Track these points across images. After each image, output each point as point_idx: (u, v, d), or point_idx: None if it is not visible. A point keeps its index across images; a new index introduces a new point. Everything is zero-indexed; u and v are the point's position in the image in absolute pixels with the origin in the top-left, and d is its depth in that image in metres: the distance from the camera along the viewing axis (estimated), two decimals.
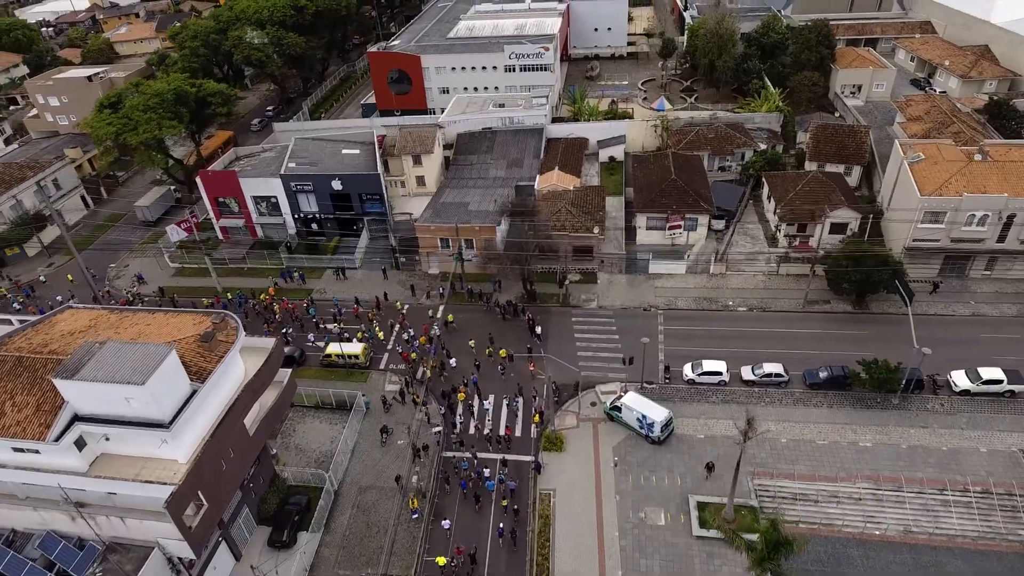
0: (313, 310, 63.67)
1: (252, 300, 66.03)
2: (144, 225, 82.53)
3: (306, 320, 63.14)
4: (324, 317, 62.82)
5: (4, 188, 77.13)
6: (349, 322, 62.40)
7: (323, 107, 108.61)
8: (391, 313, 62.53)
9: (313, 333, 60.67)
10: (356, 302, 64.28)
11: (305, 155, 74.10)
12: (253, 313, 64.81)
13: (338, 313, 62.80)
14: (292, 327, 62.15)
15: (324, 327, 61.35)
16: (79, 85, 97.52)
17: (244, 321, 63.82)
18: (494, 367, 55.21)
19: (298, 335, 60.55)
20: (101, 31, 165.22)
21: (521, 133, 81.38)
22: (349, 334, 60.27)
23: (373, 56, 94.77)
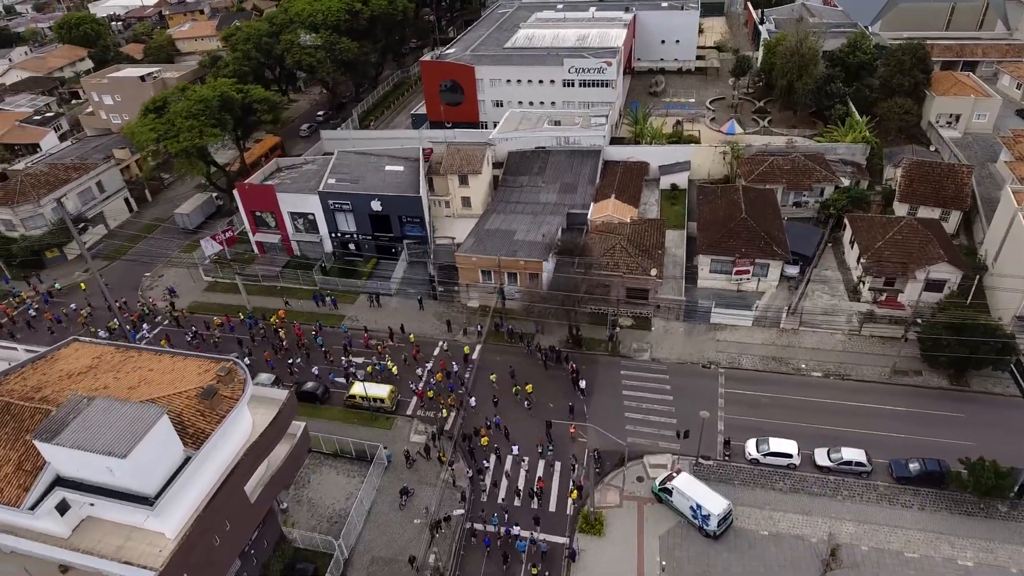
0: (321, 339, 59.88)
1: (261, 322, 62.89)
2: (184, 232, 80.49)
3: (313, 349, 59.47)
4: (334, 346, 59.08)
5: (48, 190, 76.02)
6: (359, 353, 58.54)
7: (373, 114, 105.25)
8: (408, 347, 58.33)
9: (319, 367, 56.81)
10: (365, 331, 60.45)
11: (346, 170, 70.29)
12: (260, 337, 61.53)
13: (348, 345, 58.96)
14: (299, 355, 58.55)
15: (347, 361, 57.46)
16: (132, 85, 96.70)
17: (251, 345, 61.65)
18: (518, 405, 50.60)
19: (320, 367, 56.75)
20: (167, 27, 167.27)
21: (576, 154, 75.66)
22: (356, 367, 56.53)
23: (425, 65, 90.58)
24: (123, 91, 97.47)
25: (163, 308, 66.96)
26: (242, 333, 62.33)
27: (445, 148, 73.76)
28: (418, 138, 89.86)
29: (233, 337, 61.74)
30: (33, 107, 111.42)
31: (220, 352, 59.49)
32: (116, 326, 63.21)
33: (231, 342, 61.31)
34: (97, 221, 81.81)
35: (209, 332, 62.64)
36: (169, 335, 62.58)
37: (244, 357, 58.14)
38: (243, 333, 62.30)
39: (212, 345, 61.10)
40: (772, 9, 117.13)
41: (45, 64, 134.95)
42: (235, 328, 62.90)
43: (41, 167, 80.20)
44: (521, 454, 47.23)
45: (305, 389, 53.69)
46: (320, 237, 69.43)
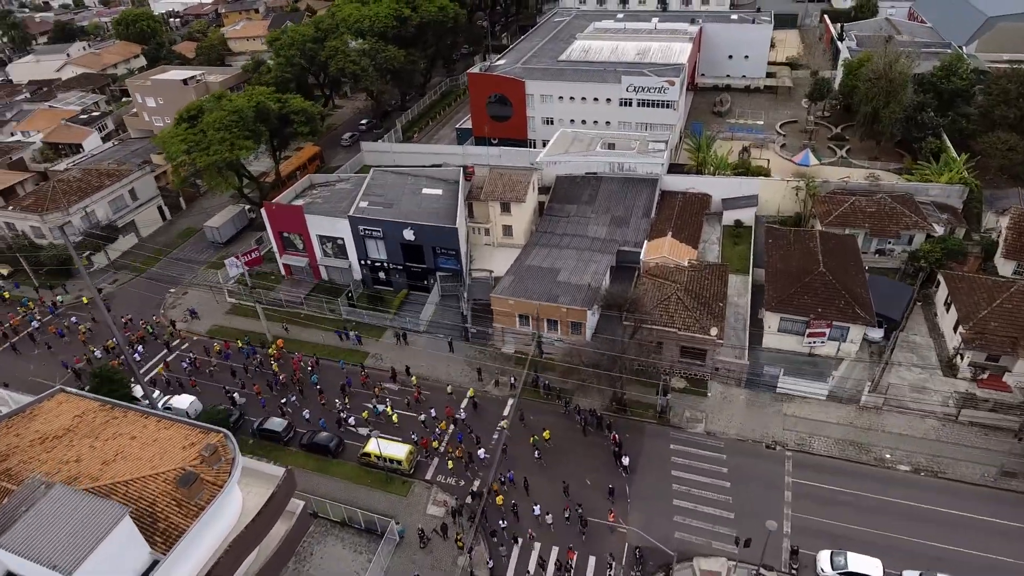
0: (316, 376, 55.41)
1: (259, 351, 59.14)
2: (213, 246, 77.22)
3: (307, 386, 55.12)
4: (331, 383, 54.79)
5: (79, 197, 73.72)
6: (357, 394, 54.06)
7: (418, 125, 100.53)
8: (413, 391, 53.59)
9: (310, 410, 52.77)
10: (362, 368, 55.99)
11: (381, 192, 65.41)
12: (256, 367, 57.74)
13: (347, 385, 54.41)
14: (294, 393, 54.48)
15: (341, 404, 53.12)
16: (175, 88, 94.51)
17: (244, 377, 56.54)
18: (534, 460, 46.06)
19: (313, 410, 52.80)
20: (222, 25, 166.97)
21: (631, 183, 68.97)
22: (352, 414, 52.17)
23: (473, 78, 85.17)
24: (166, 94, 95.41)
25: (165, 329, 63.82)
26: (238, 362, 58.76)
27: (488, 171, 68.06)
28: (461, 154, 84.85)
29: (229, 366, 58.21)
30: (81, 105, 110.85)
31: (215, 382, 56.87)
32: (114, 345, 60.36)
33: (226, 371, 57.77)
34: (128, 230, 79.36)
35: (207, 359, 59.54)
36: (168, 363, 59.47)
37: (234, 392, 54.82)
38: (240, 362, 58.72)
39: (207, 374, 57.77)
40: (853, 24, 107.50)
41: (100, 60, 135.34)
42: (231, 356, 59.25)
43: (75, 173, 78.16)
44: (543, 512, 42.28)
45: (318, 441, 48.92)
46: (349, 263, 64.79)
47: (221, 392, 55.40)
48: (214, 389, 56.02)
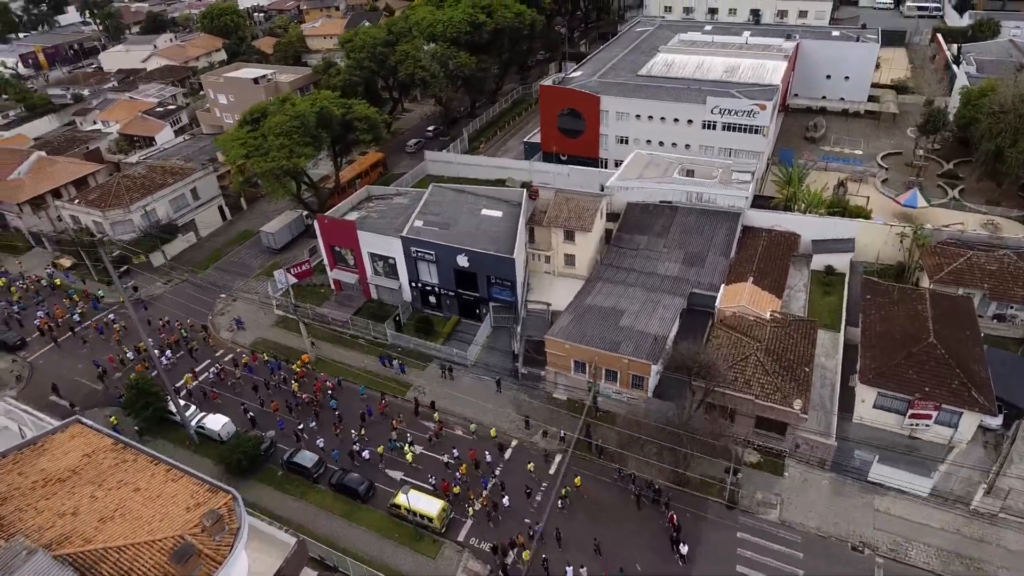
0: (335, 402, 52.74)
1: (283, 367, 57.13)
2: (268, 251, 75.55)
3: (325, 410, 52.63)
4: (350, 409, 52.12)
5: (141, 195, 73.40)
6: (376, 423, 51.14)
7: (486, 134, 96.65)
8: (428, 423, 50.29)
9: (324, 438, 50.23)
10: (382, 397, 52.89)
11: (438, 210, 61.63)
12: (279, 384, 55.71)
13: (367, 413, 51.39)
14: (312, 419, 51.97)
15: (357, 436, 50.10)
16: (245, 86, 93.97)
17: (266, 394, 53.98)
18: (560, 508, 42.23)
19: (327, 439, 50.18)
20: (303, 21, 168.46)
21: (709, 216, 62.67)
22: (367, 447, 48.92)
23: (545, 91, 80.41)
24: (237, 91, 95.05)
25: (197, 334, 62.98)
26: (262, 375, 57.19)
27: (553, 195, 63.20)
28: (527, 170, 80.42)
29: (252, 380, 56.56)
30: (159, 97, 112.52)
31: (236, 395, 55.21)
32: (145, 348, 59.27)
33: (249, 385, 56.05)
34: (188, 229, 78.78)
35: (232, 369, 58.20)
36: (195, 372, 58.31)
37: (251, 411, 53.13)
38: (263, 375, 57.10)
39: (230, 386, 56.35)
40: (972, 45, 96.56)
41: (183, 53, 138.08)
42: (254, 370, 57.46)
43: (141, 169, 78.07)
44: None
45: (347, 483, 45.43)
46: (400, 284, 61.33)
47: (239, 407, 54.03)
48: (234, 403, 54.48)
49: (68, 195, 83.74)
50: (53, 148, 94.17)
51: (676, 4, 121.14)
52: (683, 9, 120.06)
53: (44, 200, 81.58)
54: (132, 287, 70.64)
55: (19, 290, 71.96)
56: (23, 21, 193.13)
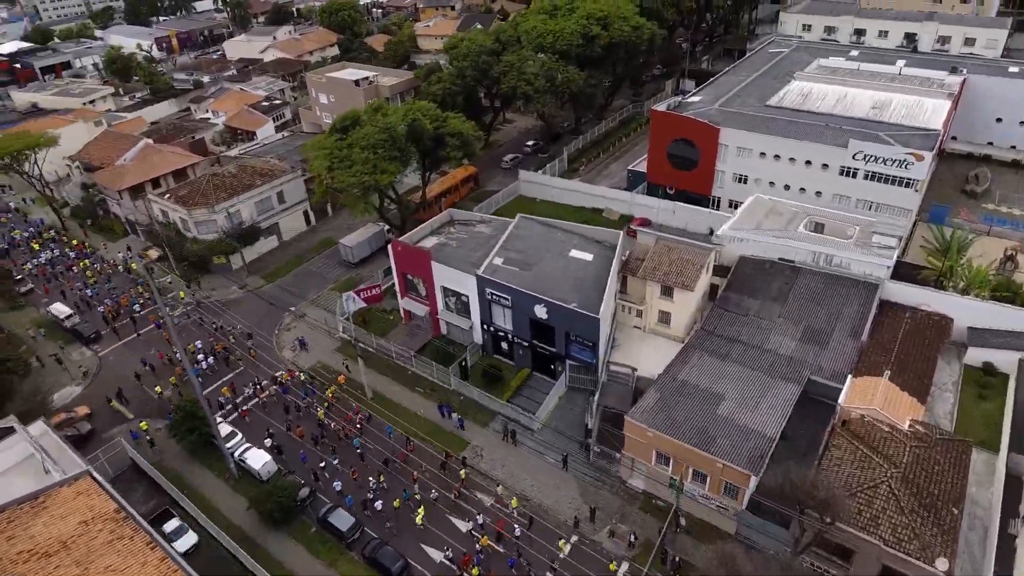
0: (358, 440, 48.78)
1: (318, 392, 54.17)
2: (346, 265, 72.30)
3: (348, 448, 48.76)
4: (376, 448, 48.25)
5: (227, 195, 72.01)
6: (397, 472, 46.93)
7: (588, 155, 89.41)
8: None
9: (340, 481, 46.34)
10: (407, 443, 48.69)
11: (521, 247, 55.44)
12: (306, 410, 53.27)
13: (391, 458, 47.54)
14: (336, 455, 48.74)
15: (375, 483, 46.07)
16: (346, 87, 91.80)
17: (295, 416, 50.91)
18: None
19: (344, 481, 45.97)
20: (418, 19, 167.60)
21: (839, 283, 52.76)
22: (382, 498, 44.73)
23: (657, 116, 72.17)
24: (337, 92, 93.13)
25: (245, 345, 61.27)
26: (292, 396, 54.71)
27: (653, 243, 55.36)
28: (628, 202, 72.82)
29: (284, 400, 54.31)
30: (268, 91, 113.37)
31: (265, 414, 53.65)
32: (195, 348, 59.84)
33: (278, 407, 53.87)
34: (271, 232, 77.02)
35: (269, 386, 55.82)
36: (234, 385, 56.66)
37: (270, 439, 50.48)
38: (297, 397, 54.56)
39: (260, 405, 54.25)
40: None
41: (298, 46, 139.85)
42: (288, 390, 54.75)
43: (231, 168, 76.89)
44: None
45: (381, 559, 40.23)
46: (471, 325, 55.70)
47: (266, 428, 51.80)
48: (263, 423, 52.38)
49: (166, 185, 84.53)
50: (161, 136, 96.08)
51: (816, 23, 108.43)
52: (824, 29, 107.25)
53: (143, 189, 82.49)
54: (196, 289, 69.64)
55: (95, 273, 74.00)
56: (164, 5, 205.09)
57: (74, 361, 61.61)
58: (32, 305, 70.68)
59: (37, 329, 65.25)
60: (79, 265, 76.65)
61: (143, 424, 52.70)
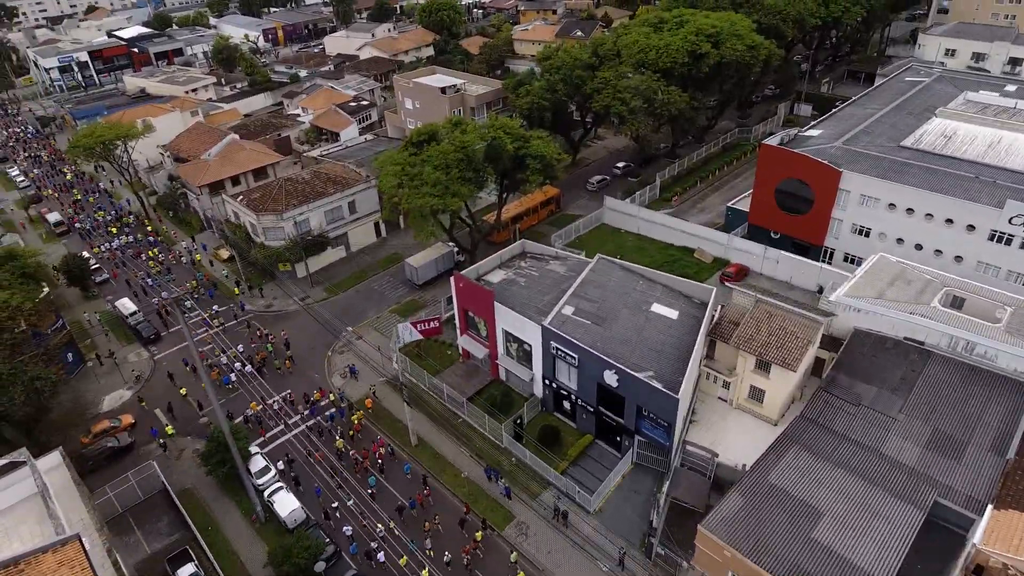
0: (374, 478, 46.24)
1: (344, 416, 52.09)
2: (409, 286, 68.30)
3: (364, 483, 45.59)
4: (388, 495, 44.19)
5: (298, 202, 69.52)
6: (413, 521, 42.65)
7: (683, 183, 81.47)
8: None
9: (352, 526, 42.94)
10: (424, 483, 44.91)
11: (597, 296, 49.05)
12: (329, 432, 50.97)
13: (407, 507, 43.42)
14: (351, 495, 45.72)
15: (383, 531, 42.42)
16: (431, 94, 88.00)
17: (317, 442, 47.05)
18: None
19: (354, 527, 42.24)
20: (518, 22, 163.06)
21: (981, 378, 43.18)
22: (386, 550, 40.72)
23: (767, 151, 63.50)
24: (423, 98, 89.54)
25: (282, 356, 59.06)
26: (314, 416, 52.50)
27: (752, 305, 47.56)
28: (724, 245, 64.82)
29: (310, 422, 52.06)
30: (357, 91, 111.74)
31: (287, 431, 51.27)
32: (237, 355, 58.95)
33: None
34: (339, 242, 74.17)
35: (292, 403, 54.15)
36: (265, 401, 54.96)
37: (288, 463, 48.41)
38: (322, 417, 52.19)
39: (285, 423, 52.34)
40: None
41: (393, 45, 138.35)
42: (316, 412, 52.65)
43: (305, 175, 74.48)
44: None
45: None
46: (532, 376, 49.89)
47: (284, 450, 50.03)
48: (281, 444, 50.48)
49: (246, 184, 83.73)
50: (248, 131, 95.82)
51: (962, 48, 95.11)
52: (972, 55, 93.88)
53: (223, 186, 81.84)
54: (257, 296, 67.50)
55: (158, 264, 75.30)
56: None
57: (130, 363, 60.66)
58: (104, 297, 71.00)
59: (101, 324, 65.18)
60: (148, 253, 77.59)
61: (169, 428, 52.06)
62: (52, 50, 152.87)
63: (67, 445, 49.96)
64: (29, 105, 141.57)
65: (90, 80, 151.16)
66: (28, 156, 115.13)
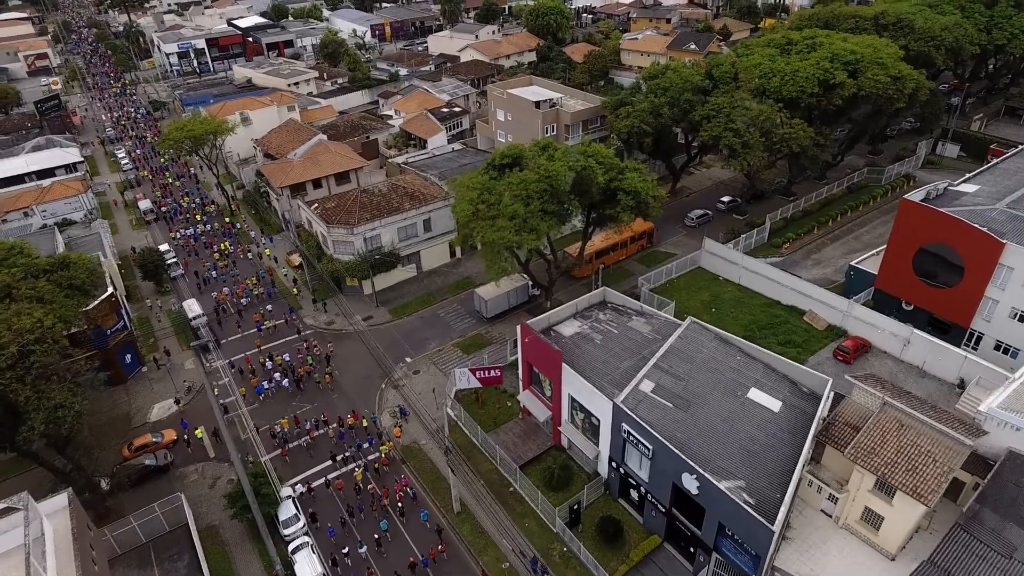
0: (386, 523, 42.67)
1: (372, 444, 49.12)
2: (475, 315, 63.13)
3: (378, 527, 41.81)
4: (400, 546, 40.31)
5: (371, 216, 65.79)
6: None
7: (798, 227, 71.58)
8: None
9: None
10: (438, 533, 41.36)
11: (683, 369, 41.65)
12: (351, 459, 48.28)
13: (419, 565, 39.04)
14: (362, 545, 41.40)
15: None
16: (524, 108, 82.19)
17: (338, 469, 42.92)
18: None
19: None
20: (627, 30, 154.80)
21: None
22: None
23: (908, 208, 53.06)
24: (516, 111, 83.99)
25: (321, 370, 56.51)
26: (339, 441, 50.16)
27: (879, 408, 38.65)
28: (842, 311, 55.35)
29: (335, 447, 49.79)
30: (452, 96, 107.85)
31: (311, 457, 48.96)
32: (282, 362, 58.22)
33: (324, 452, 49.00)
34: (411, 260, 70.03)
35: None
36: (298, 417, 52.30)
37: (303, 486, 46.02)
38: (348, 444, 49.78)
39: (305, 448, 49.51)
40: None
41: (495, 49, 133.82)
42: (345, 436, 50.13)
43: (382, 187, 70.66)
44: None
45: None
46: (597, 454, 43.17)
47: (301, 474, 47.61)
48: (300, 467, 47.97)
49: (327, 187, 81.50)
50: (338, 131, 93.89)
51: None
52: None
53: (304, 188, 79.85)
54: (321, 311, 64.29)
55: (223, 256, 75.76)
56: None
57: (186, 371, 58.83)
58: (175, 293, 70.33)
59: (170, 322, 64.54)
60: (221, 245, 77.91)
61: (198, 432, 50.83)
62: (173, 36, 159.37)
63: (108, 456, 48.76)
64: (148, 87, 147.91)
65: (204, 67, 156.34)
66: (135, 135, 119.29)
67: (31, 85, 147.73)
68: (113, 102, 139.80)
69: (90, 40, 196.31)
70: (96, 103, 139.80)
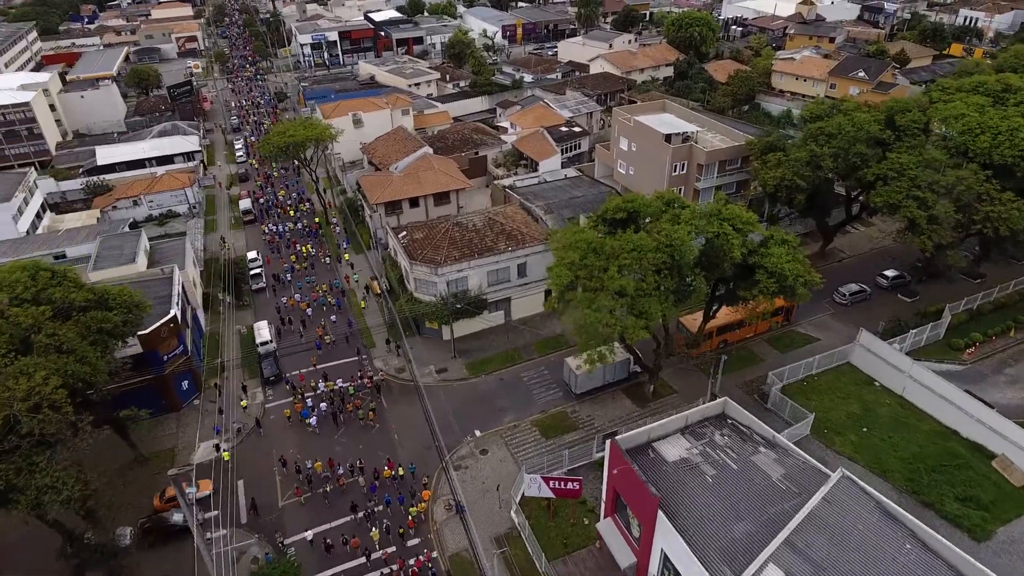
0: None
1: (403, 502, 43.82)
2: (563, 387, 53.83)
3: None
4: None
5: (461, 255, 58.06)
6: None
7: (988, 324, 56.04)
8: None
9: None
10: None
11: (823, 551, 30.09)
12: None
13: None
14: None
15: None
16: (652, 139, 70.92)
17: (360, 523, 36.49)
18: None
19: None
20: (782, 47, 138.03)
21: None
22: None
23: None
24: (640, 141, 73.03)
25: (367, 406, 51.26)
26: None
27: None
28: None
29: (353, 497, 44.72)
30: (574, 112, 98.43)
31: (328, 507, 44.10)
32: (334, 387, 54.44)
33: (344, 503, 44.03)
34: (500, 307, 61.78)
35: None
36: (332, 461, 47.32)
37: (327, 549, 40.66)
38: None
39: (322, 497, 44.72)
40: None
41: (629, 61, 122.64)
42: (376, 489, 45.02)
43: (477, 221, 62.58)
44: None
45: None
46: None
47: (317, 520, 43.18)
48: (316, 516, 43.40)
49: (425, 207, 75.14)
50: (446, 144, 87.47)
51: None
52: None
53: (399, 206, 73.84)
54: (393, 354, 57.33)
55: (301, 260, 73.93)
56: None
57: (240, 407, 53.87)
58: (255, 307, 66.47)
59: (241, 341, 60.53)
60: (303, 249, 75.60)
61: (226, 454, 47.55)
62: (309, 26, 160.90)
63: (139, 501, 44.44)
64: (280, 76, 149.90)
65: (335, 60, 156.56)
66: (255, 121, 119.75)
67: (177, 66, 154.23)
68: (243, 86, 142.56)
69: (239, 24, 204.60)
70: (227, 88, 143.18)
